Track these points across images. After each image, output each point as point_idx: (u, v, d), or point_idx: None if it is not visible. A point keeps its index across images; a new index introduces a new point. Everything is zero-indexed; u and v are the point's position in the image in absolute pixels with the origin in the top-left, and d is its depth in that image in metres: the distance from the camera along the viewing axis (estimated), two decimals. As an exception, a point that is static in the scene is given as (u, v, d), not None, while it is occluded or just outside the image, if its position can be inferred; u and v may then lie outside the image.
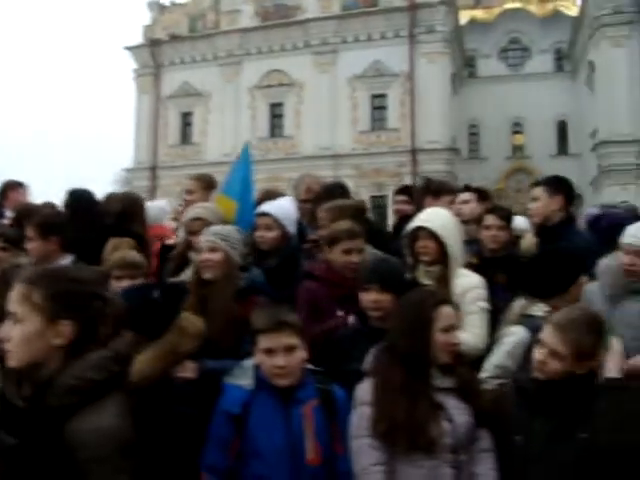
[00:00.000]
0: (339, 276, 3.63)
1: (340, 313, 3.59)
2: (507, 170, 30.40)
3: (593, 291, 3.41)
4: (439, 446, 2.50)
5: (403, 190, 5.49)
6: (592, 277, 3.47)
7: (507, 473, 2.60)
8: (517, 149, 33.03)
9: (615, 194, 22.44)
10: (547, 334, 2.56)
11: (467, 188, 5.03)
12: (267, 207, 4.04)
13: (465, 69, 34.29)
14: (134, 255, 3.76)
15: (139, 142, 32.41)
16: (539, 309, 3.15)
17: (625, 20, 26.01)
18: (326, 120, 28.62)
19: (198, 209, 4.04)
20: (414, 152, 27.78)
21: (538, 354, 2.58)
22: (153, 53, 31.98)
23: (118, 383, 2.01)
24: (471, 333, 3.33)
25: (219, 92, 30.74)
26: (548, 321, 2.62)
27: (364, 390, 2.67)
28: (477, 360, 3.21)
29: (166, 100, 31.96)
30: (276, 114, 30.51)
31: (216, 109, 30.60)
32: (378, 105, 29.13)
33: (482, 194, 4.83)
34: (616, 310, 3.31)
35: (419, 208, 4.27)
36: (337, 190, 4.95)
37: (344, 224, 3.77)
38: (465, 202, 4.73)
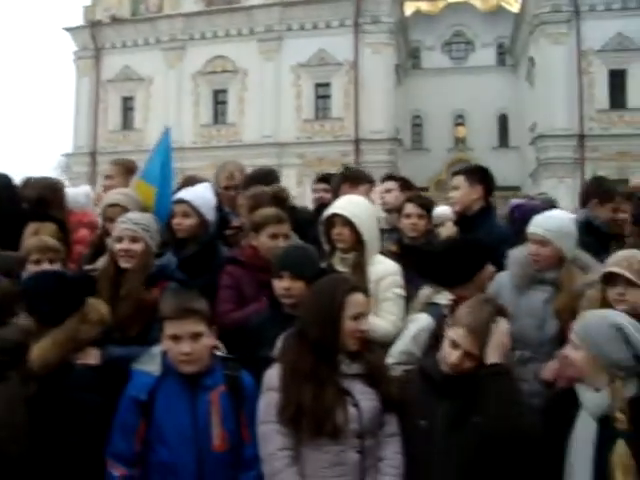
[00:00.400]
0: (264, 261, 3.64)
1: (264, 298, 3.61)
2: (449, 161, 30.78)
3: (502, 281, 3.48)
4: (345, 431, 2.55)
5: (323, 178, 5.50)
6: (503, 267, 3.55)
7: (413, 457, 2.66)
8: (459, 141, 33.55)
9: (553, 186, 23.08)
10: (460, 337, 2.63)
11: (390, 177, 5.08)
12: (184, 194, 4.01)
13: (409, 60, 34.57)
14: (52, 239, 3.68)
15: (78, 127, 31.60)
16: (443, 297, 3.23)
17: (563, 19, 26.66)
18: (270, 108, 28.46)
19: (115, 195, 3.97)
20: (357, 142, 27.92)
21: (453, 356, 2.65)
22: (93, 35, 31.13)
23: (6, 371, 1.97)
24: (385, 319, 3.39)
25: (161, 77, 30.19)
26: (459, 322, 2.68)
27: (272, 376, 2.69)
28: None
29: (107, 84, 31.22)
30: (220, 101, 30.17)
31: (158, 94, 30.05)
32: (322, 94, 29.13)
33: (405, 183, 4.88)
34: (521, 300, 3.39)
35: (336, 196, 4.30)
36: (266, 176, 4.96)
37: (271, 209, 3.78)
38: (388, 191, 4.78)
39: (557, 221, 3.41)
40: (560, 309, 3.25)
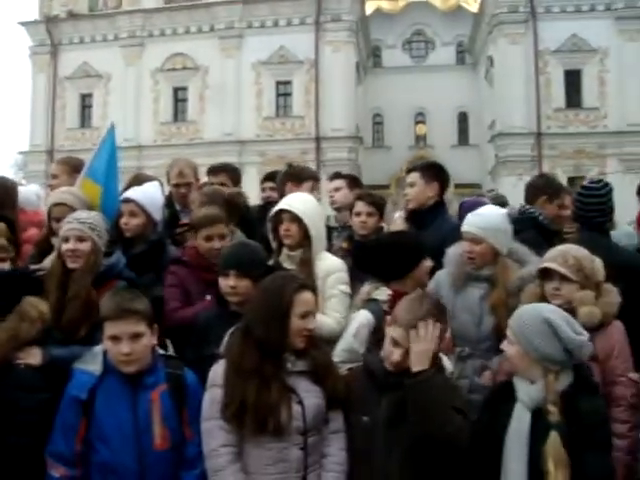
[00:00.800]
0: (207, 261, 3.64)
1: (209, 297, 3.60)
2: (410, 159, 30.99)
3: (440, 279, 3.53)
4: (288, 429, 2.56)
5: (270, 177, 5.49)
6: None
7: (356, 453, 2.69)
8: (420, 139, 33.82)
9: (511, 184, 23.38)
10: (400, 335, 2.65)
11: (338, 175, 5.09)
12: (131, 193, 3.98)
13: (370, 59, 34.73)
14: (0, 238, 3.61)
15: (35, 124, 30.95)
16: (383, 293, 3.25)
17: (520, 19, 27.13)
18: (231, 105, 28.25)
19: (61, 194, 3.91)
20: (318, 140, 27.94)
21: (395, 355, 2.67)
22: (50, 30, 30.51)
23: None
24: (330, 317, 3.40)
25: (120, 74, 29.72)
26: (398, 320, 2.70)
27: (216, 372, 2.69)
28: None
29: (64, 80, 30.64)
30: (180, 98, 29.87)
31: (117, 92, 29.59)
32: (283, 92, 29.06)
33: (353, 181, 4.89)
34: (458, 297, 3.44)
35: (281, 194, 4.31)
36: (227, 171, 4.98)
37: (204, 210, 3.77)
38: (337, 189, 4.78)
39: (489, 218, 3.45)
40: (495, 305, 3.31)
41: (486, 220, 3.43)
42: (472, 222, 3.45)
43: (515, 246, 3.52)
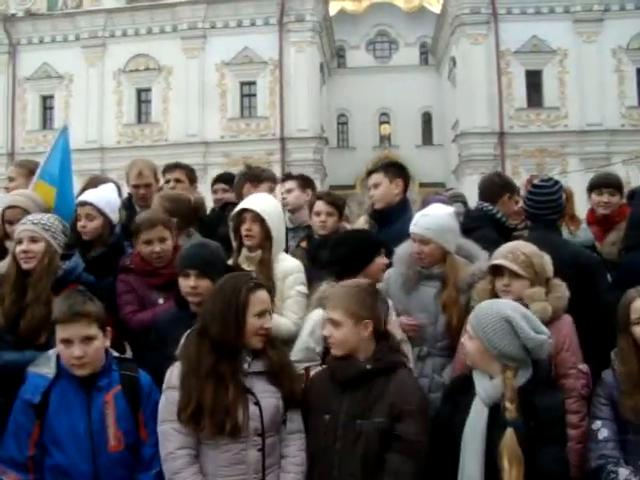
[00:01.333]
0: (151, 266, 3.64)
1: (161, 301, 3.60)
2: (375, 159, 31.09)
3: (391, 278, 3.56)
4: (245, 430, 2.56)
5: (221, 178, 5.50)
6: None
7: (317, 453, 2.70)
8: (384, 139, 33.93)
9: (475, 182, 23.49)
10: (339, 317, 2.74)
11: (289, 176, 5.10)
12: (87, 196, 3.96)
13: (334, 59, 34.79)
14: None
15: (-1, 127, 30.40)
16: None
17: (482, 20, 27.42)
18: (195, 107, 28.00)
19: (14, 196, 3.88)
20: (283, 140, 27.87)
21: (326, 331, 2.77)
22: (7, 30, 29.89)
23: None
24: (288, 317, 3.42)
25: (82, 75, 29.20)
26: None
27: (172, 374, 2.69)
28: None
29: (24, 82, 30.07)
30: (143, 100, 29.53)
31: (79, 93, 29.06)
32: (247, 93, 28.93)
33: (304, 181, 4.91)
34: (412, 297, 3.48)
35: (239, 195, 4.31)
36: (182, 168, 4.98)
37: (143, 214, 3.77)
38: (289, 191, 4.79)
39: (435, 219, 3.48)
40: (446, 303, 3.36)
41: (433, 221, 3.46)
42: (420, 223, 3.48)
43: (462, 242, 3.58)
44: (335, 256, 3.38)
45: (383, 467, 2.56)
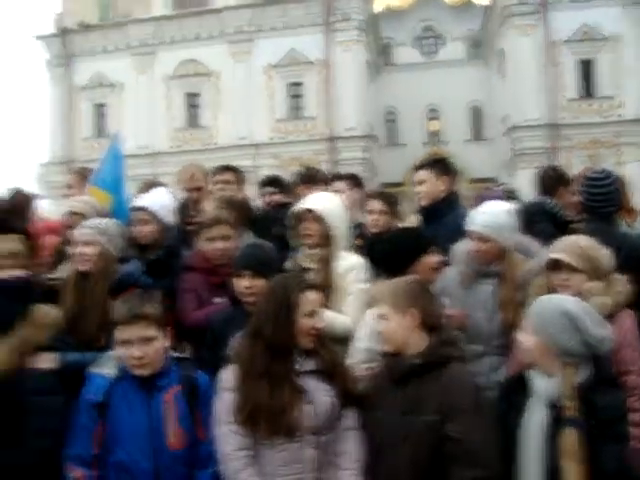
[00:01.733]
0: (212, 264, 3.69)
1: (218, 300, 3.64)
2: (424, 156, 30.95)
3: (449, 276, 3.53)
4: (300, 429, 2.57)
5: (268, 182, 5.54)
6: None
7: (372, 449, 2.68)
8: (433, 135, 33.65)
9: (528, 176, 23.17)
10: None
11: (338, 177, 5.11)
12: (141, 201, 4.04)
13: (381, 57, 34.63)
14: (14, 246, 3.67)
15: (53, 136, 31.23)
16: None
17: (531, 10, 26.92)
18: (243, 109, 28.34)
19: (74, 203, 4.00)
20: (332, 140, 27.94)
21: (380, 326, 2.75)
22: (64, 43, 30.79)
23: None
24: (347, 314, 3.42)
25: (133, 82, 29.93)
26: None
27: (227, 376, 2.72)
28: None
29: (79, 91, 30.95)
30: (192, 104, 30.03)
31: (130, 100, 29.82)
32: (295, 93, 29.10)
33: (353, 181, 4.91)
34: (470, 294, 3.44)
35: (294, 196, 4.35)
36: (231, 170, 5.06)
37: (207, 213, 3.82)
38: (338, 192, 4.79)
39: (492, 216, 3.44)
40: (503, 300, 3.31)
41: (491, 218, 3.42)
42: (478, 220, 3.44)
43: (520, 238, 3.52)
44: (378, 255, 3.37)
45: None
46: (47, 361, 2.88)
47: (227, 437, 2.62)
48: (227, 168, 5.34)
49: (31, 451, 2.69)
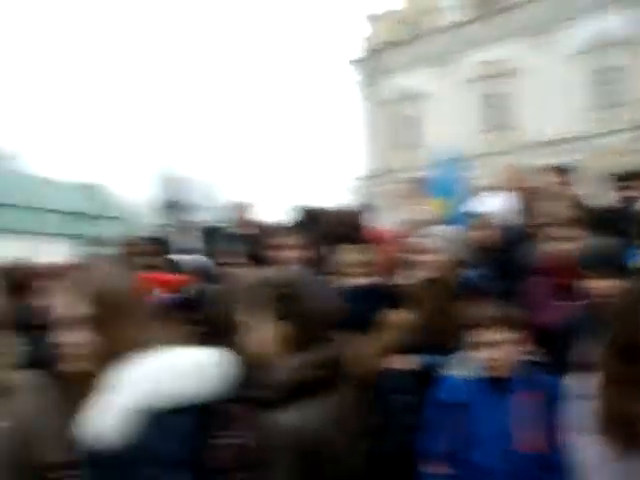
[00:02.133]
0: (557, 264, 3.59)
1: (564, 303, 3.52)
2: None
3: None
4: None
5: (625, 177, 5.22)
6: None
7: None
8: None
9: None
10: None
11: None
12: (478, 207, 4.08)
13: None
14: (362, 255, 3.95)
15: (372, 150, 33.06)
16: None
17: None
18: (552, 103, 27.07)
19: (412, 212, 4.19)
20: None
21: None
22: (373, 63, 32.87)
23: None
24: None
25: (435, 91, 30.75)
26: None
27: (585, 382, 2.60)
28: None
29: (386, 105, 32.59)
30: (494, 105, 29.63)
31: (432, 109, 30.61)
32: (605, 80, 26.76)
33: None
34: None
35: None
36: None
37: (551, 214, 3.71)
38: None
39: None
40: None
41: None
42: None
43: None
44: None
45: None
46: (408, 363, 3.06)
47: (584, 446, 2.50)
48: (555, 167, 5.19)
49: (393, 444, 2.87)
